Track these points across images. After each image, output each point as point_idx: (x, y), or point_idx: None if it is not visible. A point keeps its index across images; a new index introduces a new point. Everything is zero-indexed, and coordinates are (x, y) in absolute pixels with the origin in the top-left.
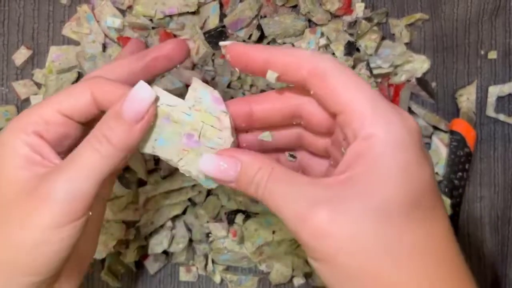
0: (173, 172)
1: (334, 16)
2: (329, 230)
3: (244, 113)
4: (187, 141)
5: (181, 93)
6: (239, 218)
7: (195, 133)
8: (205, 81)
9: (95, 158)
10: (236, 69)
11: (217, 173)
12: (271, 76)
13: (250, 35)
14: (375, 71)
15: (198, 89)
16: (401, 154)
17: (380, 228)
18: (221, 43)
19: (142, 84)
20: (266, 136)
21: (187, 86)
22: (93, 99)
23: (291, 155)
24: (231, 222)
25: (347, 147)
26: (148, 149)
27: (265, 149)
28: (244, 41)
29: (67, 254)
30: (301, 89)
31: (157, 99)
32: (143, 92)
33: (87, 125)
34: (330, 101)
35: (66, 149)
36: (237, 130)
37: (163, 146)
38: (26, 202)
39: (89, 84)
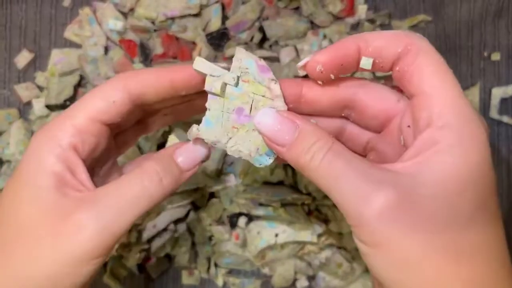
0: None
1: (337, 18)
2: (398, 214)
3: (294, 93)
4: (237, 116)
5: None
6: (241, 221)
7: (246, 106)
8: None
9: (143, 195)
10: (321, 82)
11: (271, 131)
12: (367, 62)
13: (252, 37)
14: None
15: (243, 59)
16: (477, 152)
17: (447, 223)
18: (300, 64)
19: (199, 138)
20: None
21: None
22: (127, 93)
23: None
24: (233, 225)
25: (413, 134)
26: (191, 135)
27: None
28: (246, 43)
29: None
30: (358, 80)
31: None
32: (200, 146)
33: (114, 129)
34: (415, 79)
35: (92, 162)
36: None
37: (209, 127)
38: (59, 227)
39: (121, 77)
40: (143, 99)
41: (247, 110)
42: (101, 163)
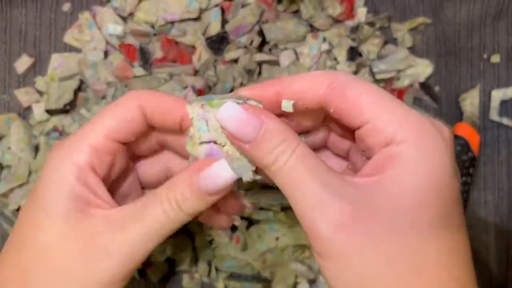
0: None
1: (336, 21)
2: (354, 226)
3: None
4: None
5: None
6: (242, 224)
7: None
8: (208, 86)
9: (164, 220)
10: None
11: (234, 127)
12: (287, 105)
13: (252, 41)
14: (378, 76)
15: (195, 116)
16: (435, 162)
17: (406, 236)
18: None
19: (222, 163)
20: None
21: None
22: (141, 114)
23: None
24: (234, 229)
25: (369, 157)
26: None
27: None
28: (245, 47)
29: None
30: (319, 112)
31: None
32: (222, 171)
33: (129, 148)
34: (355, 113)
35: (111, 182)
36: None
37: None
38: (85, 252)
39: (135, 97)
40: (159, 122)
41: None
42: (120, 183)
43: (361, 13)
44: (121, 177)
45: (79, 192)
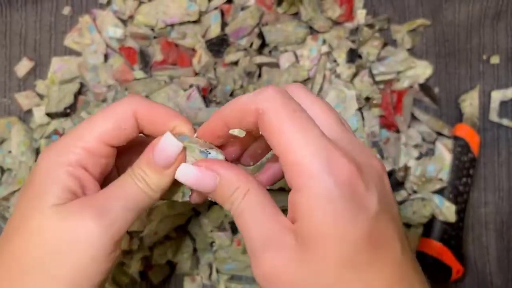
0: None
1: (336, 23)
2: (277, 278)
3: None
4: None
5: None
6: None
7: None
8: (208, 86)
9: (137, 190)
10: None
11: (192, 182)
12: (239, 133)
13: (252, 44)
14: (377, 78)
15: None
16: (329, 209)
17: (316, 285)
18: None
19: (168, 135)
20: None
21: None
22: (135, 121)
23: None
24: (235, 231)
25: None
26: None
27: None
28: (245, 49)
29: None
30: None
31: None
32: (169, 143)
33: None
34: (270, 143)
35: (102, 181)
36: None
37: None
38: (69, 233)
39: (131, 103)
40: (151, 131)
41: None
42: (109, 178)
43: (361, 15)
44: (110, 173)
45: (71, 185)
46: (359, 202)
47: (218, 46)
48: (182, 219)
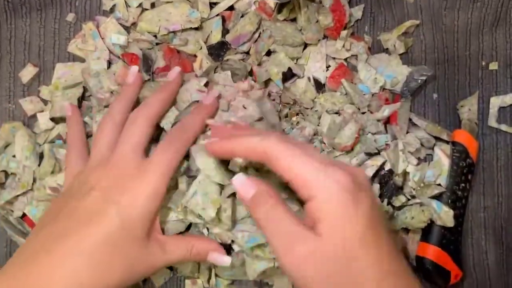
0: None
1: (325, 36)
2: (305, 264)
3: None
4: None
5: None
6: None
7: None
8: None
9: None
10: None
11: (238, 188)
12: (242, 162)
13: (250, 48)
14: (373, 85)
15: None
16: (338, 206)
17: (337, 262)
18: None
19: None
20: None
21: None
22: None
23: None
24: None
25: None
26: None
27: None
28: (245, 52)
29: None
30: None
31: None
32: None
33: None
34: (281, 174)
35: None
36: None
37: None
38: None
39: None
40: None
41: None
42: None
43: (343, 34)
44: None
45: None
46: (357, 199)
47: (218, 49)
48: (182, 226)
